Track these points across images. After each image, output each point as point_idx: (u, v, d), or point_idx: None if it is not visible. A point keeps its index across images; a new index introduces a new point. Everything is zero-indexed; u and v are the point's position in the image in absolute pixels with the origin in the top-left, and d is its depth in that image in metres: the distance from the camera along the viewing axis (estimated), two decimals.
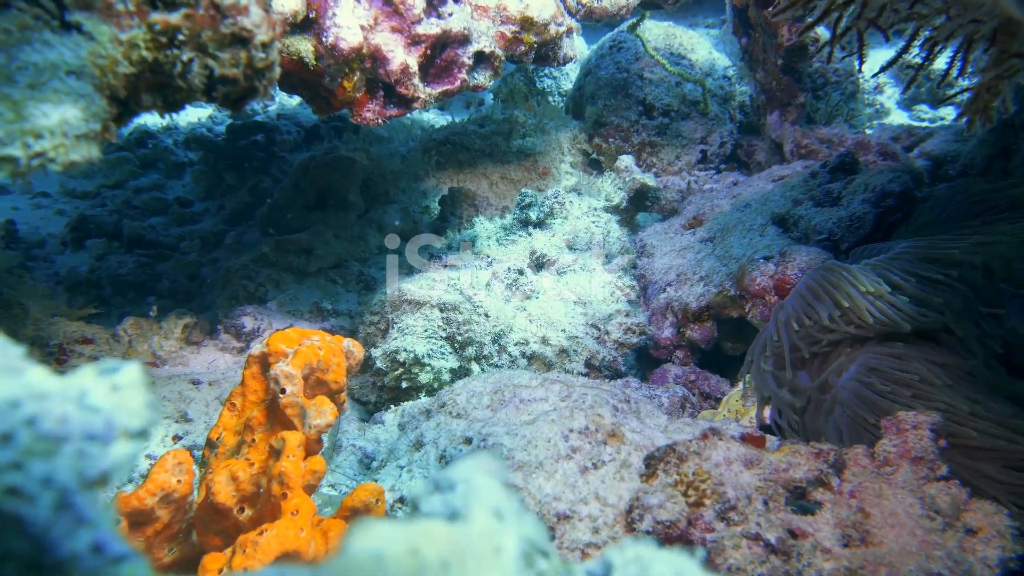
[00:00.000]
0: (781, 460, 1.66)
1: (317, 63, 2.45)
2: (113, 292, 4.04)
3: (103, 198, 5.36)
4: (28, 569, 0.48)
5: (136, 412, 0.59)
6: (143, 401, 0.60)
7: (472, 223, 4.00)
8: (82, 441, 0.54)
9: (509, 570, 0.58)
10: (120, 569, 0.51)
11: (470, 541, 0.58)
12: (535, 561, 0.61)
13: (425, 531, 0.56)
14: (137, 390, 0.60)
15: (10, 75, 0.96)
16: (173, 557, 1.94)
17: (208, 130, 6.07)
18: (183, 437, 2.85)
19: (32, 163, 0.98)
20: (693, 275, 3.36)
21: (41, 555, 0.48)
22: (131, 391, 0.60)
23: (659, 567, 0.60)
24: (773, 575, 1.46)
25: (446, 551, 0.56)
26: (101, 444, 0.55)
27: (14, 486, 0.48)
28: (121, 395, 0.59)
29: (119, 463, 0.56)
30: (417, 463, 2.10)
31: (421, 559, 0.55)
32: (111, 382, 0.60)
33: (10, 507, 0.47)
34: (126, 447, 0.57)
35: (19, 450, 0.49)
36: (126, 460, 0.57)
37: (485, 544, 0.58)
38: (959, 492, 1.61)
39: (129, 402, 0.59)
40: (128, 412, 0.59)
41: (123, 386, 0.60)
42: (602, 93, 5.18)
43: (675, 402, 2.61)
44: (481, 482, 0.64)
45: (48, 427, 0.52)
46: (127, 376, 0.61)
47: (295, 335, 2.03)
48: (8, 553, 0.47)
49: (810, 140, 4.54)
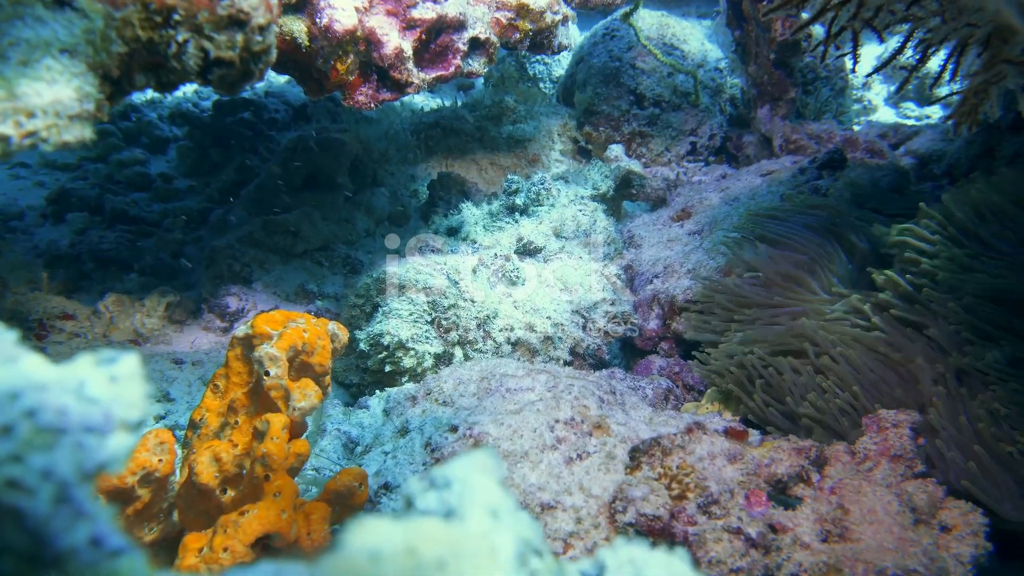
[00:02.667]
0: (763, 455, 1.68)
1: (310, 44, 2.42)
2: (94, 267, 3.99)
3: (85, 171, 5.28)
4: (26, 562, 0.48)
5: (134, 403, 0.59)
6: (141, 392, 0.60)
7: (460, 209, 3.99)
8: (81, 433, 0.53)
9: (505, 570, 0.59)
10: (117, 563, 0.51)
11: (466, 540, 0.58)
12: (529, 561, 0.62)
13: (422, 530, 0.57)
14: (135, 381, 0.60)
15: (2, 52, 0.94)
16: (154, 536, 1.94)
17: (194, 105, 5.98)
18: (165, 417, 2.83)
19: (24, 142, 0.97)
20: (680, 268, 3.38)
21: (40, 548, 0.48)
22: (129, 382, 0.60)
23: (653, 569, 0.61)
24: (753, 568, 1.49)
25: (443, 551, 0.56)
26: (99, 436, 0.55)
27: (13, 478, 0.47)
28: (119, 386, 0.59)
29: (117, 455, 0.56)
30: (402, 449, 2.11)
31: (418, 559, 0.55)
32: (109, 373, 0.59)
33: (9, 500, 0.47)
34: (124, 439, 0.57)
35: (19, 442, 0.49)
36: (124, 452, 0.57)
37: (481, 544, 0.59)
38: (935, 490, 1.65)
39: (127, 393, 0.59)
40: (126, 403, 0.58)
41: (121, 377, 0.60)
42: (593, 81, 5.16)
43: (659, 394, 2.63)
44: (477, 480, 0.64)
45: (48, 419, 0.51)
46: (125, 367, 0.60)
47: (280, 317, 2.02)
48: (7, 546, 0.47)
49: (799, 135, 4.56)
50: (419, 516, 0.61)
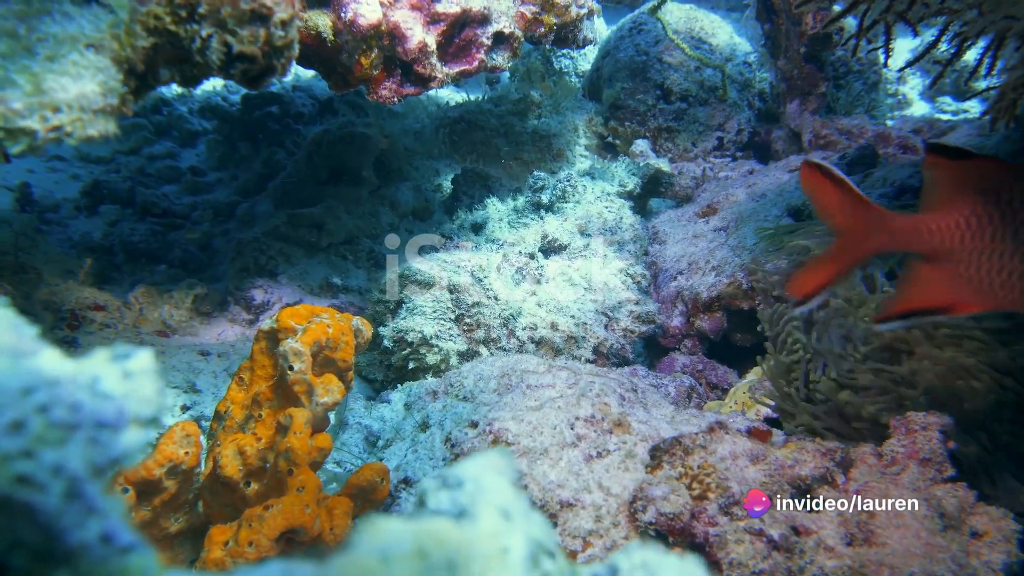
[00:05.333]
0: (787, 456, 1.65)
1: (335, 39, 2.43)
2: (125, 259, 4.05)
3: (117, 164, 5.37)
4: (37, 558, 0.48)
5: (148, 399, 0.59)
6: (154, 388, 0.60)
7: (484, 204, 3.98)
8: (94, 429, 0.53)
9: (515, 571, 0.58)
10: (128, 559, 0.51)
11: (477, 541, 0.57)
12: (542, 562, 0.61)
13: (432, 531, 0.56)
14: (149, 377, 0.60)
15: (30, 46, 0.95)
16: (180, 526, 1.97)
17: (223, 99, 6.05)
18: (191, 408, 2.87)
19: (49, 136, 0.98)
20: (705, 264, 3.34)
21: (50, 544, 0.48)
22: (143, 378, 0.60)
23: (666, 572, 0.59)
24: (775, 571, 1.46)
25: (453, 552, 0.56)
26: (112, 432, 0.55)
27: (24, 474, 0.48)
28: (133, 382, 0.59)
29: (130, 451, 0.56)
30: (423, 444, 2.11)
31: (428, 560, 0.55)
32: (123, 368, 0.59)
33: (21, 495, 0.47)
34: (137, 435, 0.57)
35: (30, 438, 0.49)
36: (137, 448, 0.57)
37: (492, 545, 0.58)
38: (966, 495, 1.61)
39: (141, 389, 0.59)
40: (140, 399, 0.59)
41: (135, 373, 0.60)
42: (620, 76, 5.12)
43: (682, 392, 2.61)
44: (490, 480, 0.64)
45: (60, 415, 0.52)
46: (139, 362, 0.60)
47: (305, 311, 2.03)
48: (18, 542, 0.47)
49: (829, 130, 4.48)
50: (431, 516, 0.61)
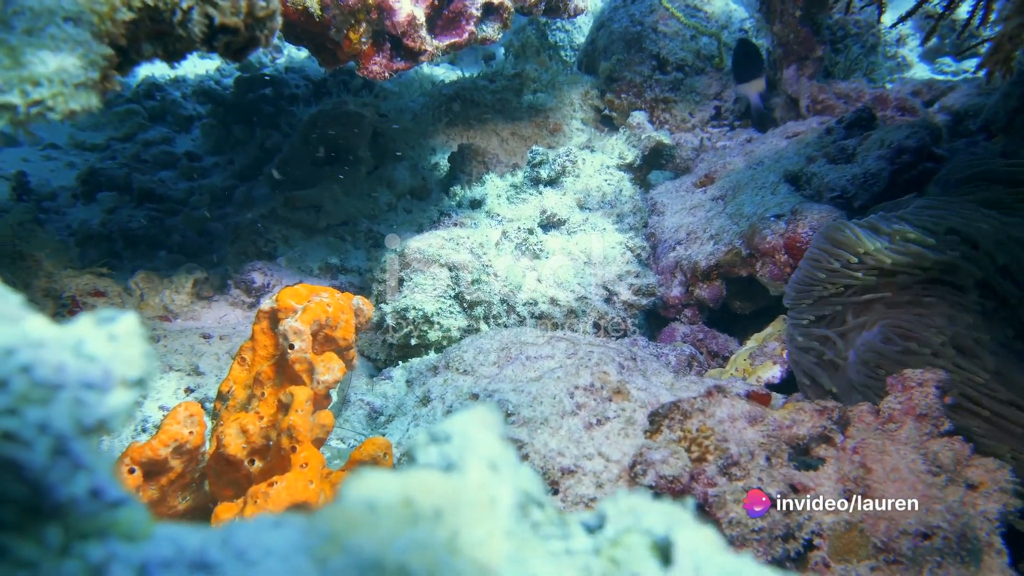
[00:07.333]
0: (785, 417, 1.66)
1: (323, 13, 2.41)
2: (124, 246, 4.06)
3: (113, 151, 5.35)
4: (26, 512, 0.49)
5: (134, 361, 0.59)
6: (140, 351, 0.61)
7: (482, 180, 3.97)
8: (79, 389, 0.54)
9: (504, 520, 0.58)
10: (118, 513, 0.52)
11: (465, 491, 0.58)
12: (531, 511, 0.62)
13: (419, 481, 0.57)
14: (134, 339, 0.60)
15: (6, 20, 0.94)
16: (187, 505, 1.99)
17: (216, 83, 6.01)
18: (195, 389, 2.89)
19: (31, 111, 0.98)
20: (703, 233, 3.33)
21: (39, 499, 0.49)
22: (128, 340, 0.60)
23: (651, 516, 0.60)
24: (774, 528, 1.48)
25: (440, 501, 0.56)
26: (99, 392, 0.55)
27: (8, 431, 0.48)
28: (118, 344, 0.59)
29: (117, 411, 0.57)
30: (424, 418, 2.12)
31: (415, 508, 0.55)
32: (108, 331, 0.60)
33: (6, 451, 0.48)
34: (124, 395, 0.58)
35: (14, 396, 0.50)
36: (124, 408, 0.57)
37: (480, 494, 0.59)
38: (962, 448, 1.62)
39: (126, 351, 0.59)
40: (126, 361, 0.59)
41: (120, 336, 0.60)
42: (615, 47, 5.07)
43: (682, 360, 2.61)
44: (477, 434, 0.64)
45: (44, 374, 0.52)
46: (124, 326, 0.61)
47: (304, 291, 2.04)
48: (6, 496, 0.48)
49: (827, 95, 4.44)
50: (419, 469, 0.61)
